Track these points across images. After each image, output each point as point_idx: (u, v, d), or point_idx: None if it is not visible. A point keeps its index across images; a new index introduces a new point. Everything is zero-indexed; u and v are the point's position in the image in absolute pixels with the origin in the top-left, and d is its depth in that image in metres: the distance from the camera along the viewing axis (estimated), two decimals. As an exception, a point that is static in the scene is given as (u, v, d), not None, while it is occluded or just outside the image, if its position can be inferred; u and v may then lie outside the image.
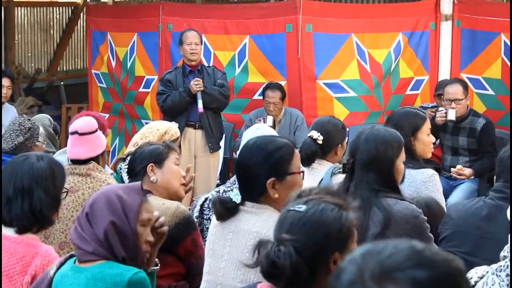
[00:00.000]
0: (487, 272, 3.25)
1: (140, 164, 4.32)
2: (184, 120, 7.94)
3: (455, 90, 7.48)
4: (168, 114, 7.95)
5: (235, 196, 3.46)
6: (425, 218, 3.92)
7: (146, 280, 3.04)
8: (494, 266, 3.28)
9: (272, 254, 2.35)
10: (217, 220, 3.52)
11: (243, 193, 3.47)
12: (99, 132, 5.05)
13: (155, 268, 3.29)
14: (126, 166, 4.43)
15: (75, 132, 4.93)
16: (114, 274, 3.01)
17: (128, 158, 4.45)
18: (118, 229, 3.06)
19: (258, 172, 3.41)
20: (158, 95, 8.12)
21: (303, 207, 2.43)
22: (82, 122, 4.96)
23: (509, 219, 3.31)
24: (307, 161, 5.27)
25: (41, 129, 5.85)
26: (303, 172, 3.59)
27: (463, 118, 7.53)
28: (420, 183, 4.77)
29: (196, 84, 7.80)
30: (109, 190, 3.19)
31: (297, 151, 3.57)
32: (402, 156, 3.98)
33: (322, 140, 5.26)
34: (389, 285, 1.47)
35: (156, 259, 3.34)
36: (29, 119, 5.87)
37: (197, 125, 8.07)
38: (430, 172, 4.85)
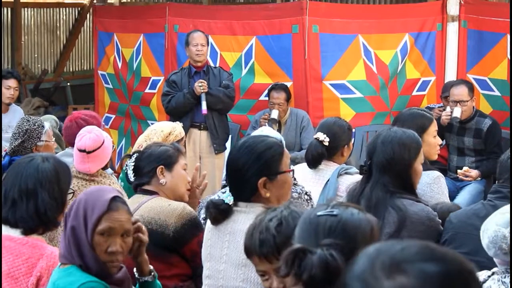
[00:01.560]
0: (488, 276, 3.25)
1: (150, 165, 4.31)
2: (189, 121, 7.95)
3: (460, 92, 7.50)
4: (172, 115, 7.97)
5: (227, 197, 3.46)
6: (440, 221, 3.94)
7: None
8: (495, 270, 3.29)
9: (325, 258, 2.29)
10: (212, 224, 3.51)
11: (234, 193, 3.48)
12: (106, 143, 5.09)
13: (145, 278, 3.26)
14: (133, 163, 4.40)
15: (83, 151, 4.96)
16: (66, 282, 3.00)
17: (135, 155, 4.43)
18: (76, 235, 3.05)
19: (249, 173, 3.41)
20: (163, 96, 8.13)
21: (335, 211, 2.41)
22: (89, 141, 4.99)
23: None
24: (314, 163, 5.27)
25: (47, 126, 5.80)
26: (293, 170, 3.60)
27: (469, 119, 7.54)
28: (425, 185, 4.75)
29: (200, 86, 7.81)
30: (85, 193, 3.17)
31: (286, 150, 3.58)
32: (420, 158, 3.99)
33: (328, 141, 5.25)
34: (398, 276, 1.48)
35: (151, 267, 3.31)
36: (29, 120, 5.80)
37: (202, 126, 8.08)
38: (435, 174, 4.84)
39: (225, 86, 8.03)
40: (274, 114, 8.09)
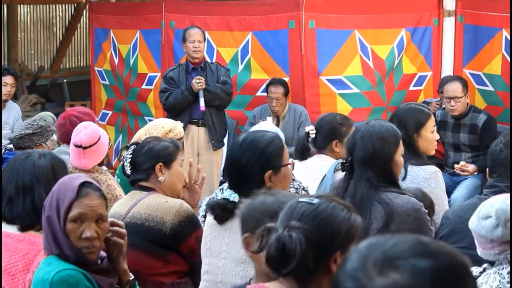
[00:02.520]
0: (480, 273, 3.26)
1: (149, 162, 4.26)
2: (187, 118, 7.94)
3: (454, 88, 7.52)
4: (170, 112, 7.95)
5: (231, 195, 3.45)
6: (426, 211, 3.93)
7: (72, 278, 2.99)
8: (486, 266, 3.29)
9: (283, 238, 2.36)
10: (219, 223, 3.51)
11: (237, 190, 3.47)
12: (102, 139, 5.10)
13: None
14: (130, 155, 4.35)
15: (79, 146, 4.98)
16: (45, 272, 3.01)
17: (132, 147, 4.38)
18: (51, 225, 3.06)
19: (254, 169, 3.44)
20: (161, 93, 8.11)
21: (315, 200, 2.46)
22: (86, 136, 5.01)
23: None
24: (300, 156, 5.30)
25: (55, 136, 5.87)
26: (293, 163, 3.62)
27: (463, 115, 7.56)
28: (422, 179, 4.75)
29: (197, 83, 7.80)
30: (58, 183, 3.17)
31: (284, 144, 3.63)
32: (400, 149, 3.97)
33: (316, 134, 5.29)
34: (390, 273, 1.48)
35: (131, 276, 3.28)
36: (45, 120, 5.93)
37: (200, 122, 8.08)
38: (432, 169, 4.83)
39: (222, 82, 8.03)
40: (269, 121, 8.11)
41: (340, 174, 5.01)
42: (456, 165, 7.20)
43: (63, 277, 2.97)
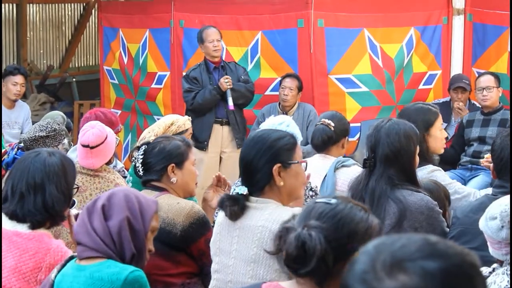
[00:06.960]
0: (490, 273, 3.26)
1: (161, 163, 4.25)
2: (213, 117, 8.02)
3: (486, 79, 7.68)
4: (197, 111, 8.00)
5: (241, 189, 3.45)
6: (440, 211, 3.94)
7: (143, 279, 3.07)
8: (496, 266, 3.29)
9: (303, 236, 2.36)
10: (231, 220, 3.50)
11: (248, 185, 3.47)
12: (109, 138, 5.11)
13: None
14: (141, 156, 4.34)
15: (87, 146, 5.00)
16: (111, 273, 3.04)
17: (143, 147, 4.37)
18: (132, 226, 3.11)
19: (262, 161, 3.42)
20: (186, 93, 8.15)
21: (333, 200, 2.47)
22: (93, 136, 5.03)
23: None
24: (323, 146, 5.29)
25: (66, 141, 5.88)
26: (306, 162, 3.61)
27: (494, 111, 7.60)
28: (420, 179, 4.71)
29: (226, 82, 7.88)
30: (128, 189, 3.29)
31: (299, 143, 3.61)
32: (417, 147, 4.02)
33: (333, 130, 5.29)
34: (399, 275, 1.48)
35: None
36: (59, 124, 5.92)
37: (224, 121, 8.16)
38: (430, 168, 4.82)
39: (245, 81, 8.17)
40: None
41: (342, 172, 5.03)
42: (481, 160, 7.21)
43: (137, 277, 3.05)
